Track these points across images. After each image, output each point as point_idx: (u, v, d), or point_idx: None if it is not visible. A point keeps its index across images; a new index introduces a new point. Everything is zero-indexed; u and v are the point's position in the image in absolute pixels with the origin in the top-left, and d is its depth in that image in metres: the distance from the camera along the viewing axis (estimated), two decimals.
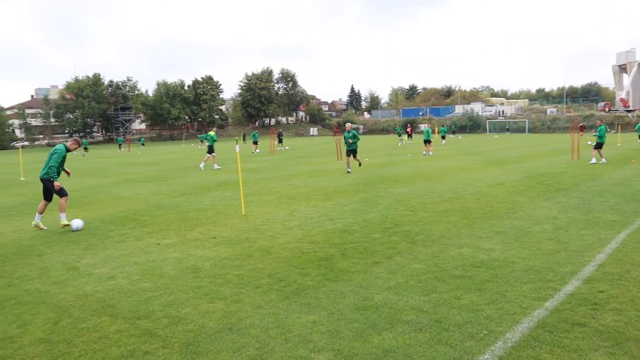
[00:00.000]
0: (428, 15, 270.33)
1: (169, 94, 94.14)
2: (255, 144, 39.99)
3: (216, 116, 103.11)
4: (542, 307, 4.86)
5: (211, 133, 24.69)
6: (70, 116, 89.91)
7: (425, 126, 31.09)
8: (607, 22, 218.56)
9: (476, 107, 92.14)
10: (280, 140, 46.05)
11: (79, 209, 12.28)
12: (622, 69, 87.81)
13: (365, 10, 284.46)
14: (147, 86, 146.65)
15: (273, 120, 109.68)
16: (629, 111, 74.09)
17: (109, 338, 4.53)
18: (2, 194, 16.35)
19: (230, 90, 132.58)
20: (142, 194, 15.02)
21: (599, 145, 19.66)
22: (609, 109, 78.29)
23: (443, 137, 45.79)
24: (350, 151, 19.17)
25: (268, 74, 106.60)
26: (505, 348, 4.06)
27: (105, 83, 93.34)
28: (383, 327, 4.55)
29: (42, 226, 9.89)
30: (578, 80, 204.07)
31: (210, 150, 23.91)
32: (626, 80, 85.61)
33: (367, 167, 21.31)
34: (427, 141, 28.52)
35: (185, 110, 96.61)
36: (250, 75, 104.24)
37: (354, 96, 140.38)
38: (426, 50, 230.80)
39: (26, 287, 6.15)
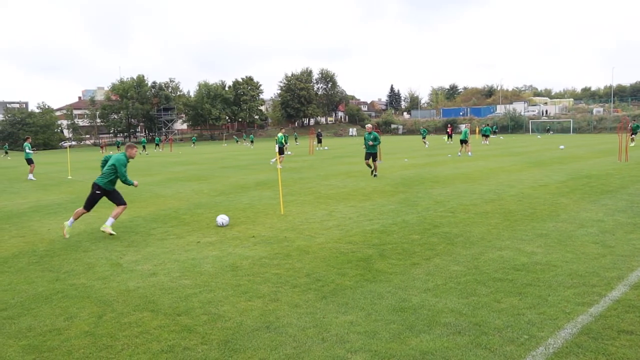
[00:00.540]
0: (469, 14, 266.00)
1: (210, 94, 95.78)
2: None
3: (256, 116, 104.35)
4: (586, 313, 4.71)
5: (280, 134, 25.18)
6: (115, 117, 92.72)
7: (465, 127, 30.63)
8: None
9: (518, 107, 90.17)
10: (319, 141, 46.17)
11: None
12: None
13: (406, 9, 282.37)
14: (189, 87, 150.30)
15: (312, 121, 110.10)
16: None
17: (150, 333, 4.65)
18: (51, 192, 16.96)
19: (269, 90, 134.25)
20: (183, 192, 15.33)
21: None
22: None
23: (487, 137, 45.36)
24: (370, 154, 17.68)
25: (307, 74, 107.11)
26: (546, 354, 3.96)
27: (149, 84, 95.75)
28: (421, 329, 4.50)
29: (111, 231, 9.16)
30: (627, 78, 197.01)
31: (281, 151, 24.35)
32: None
33: (407, 168, 21.14)
34: (464, 141, 28.20)
35: (226, 111, 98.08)
36: (289, 75, 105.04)
37: (394, 96, 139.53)
38: (467, 50, 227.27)
39: (72, 282, 6.37)
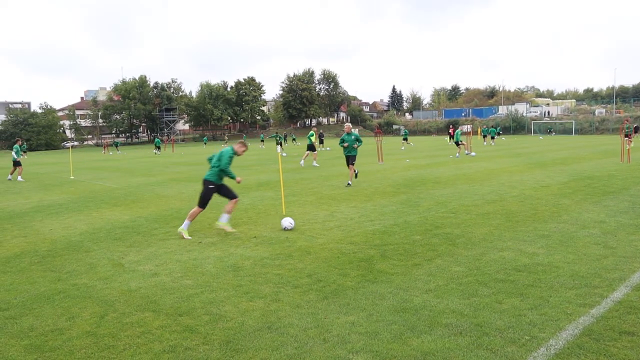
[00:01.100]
0: (471, 15, 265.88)
1: (212, 95, 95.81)
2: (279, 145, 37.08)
3: (258, 117, 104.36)
4: (588, 314, 4.71)
5: (311, 132, 25.83)
6: (117, 117, 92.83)
7: (459, 129, 31.31)
8: None
9: (520, 108, 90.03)
10: (321, 141, 46.16)
11: (124, 207, 12.65)
12: None
13: (408, 10, 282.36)
14: (191, 87, 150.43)
15: (314, 121, 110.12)
16: None
17: (152, 333, 4.65)
18: (54, 192, 17.00)
19: (271, 91, 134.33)
20: (186, 193, 15.34)
21: None
22: None
23: (492, 138, 46.55)
24: (351, 158, 15.50)
25: (309, 74, 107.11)
26: (548, 355, 3.96)
27: (151, 85, 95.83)
28: (422, 330, 4.50)
29: (229, 229, 9.23)
30: (629, 80, 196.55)
31: (311, 148, 25.11)
32: None
33: (408, 169, 21.13)
34: (457, 143, 28.67)
35: (228, 111, 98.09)
36: (291, 76, 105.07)
37: (396, 97, 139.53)
38: (469, 51, 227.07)
39: (74, 282, 6.38)
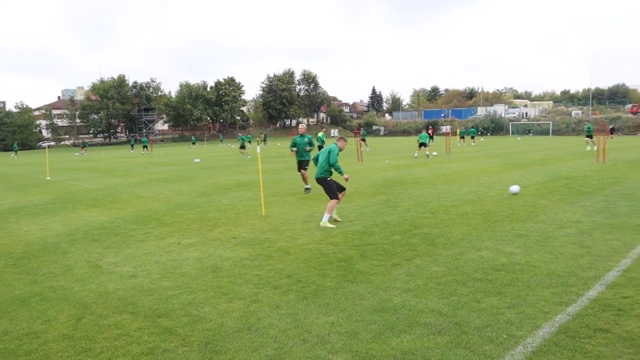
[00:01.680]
0: (451, 17, 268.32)
1: (191, 95, 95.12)
2: (243, 147, 37.09)
3: (237, 117, 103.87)
4: (564, 312, 4.79)
5: (320, 134, 25.99)
6: (95, 117, 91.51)
7: (424, 131, 33.10)
8: (635, 22, 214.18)
9: (499, 109, 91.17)
10: None
11: (102, 208, 12.48)
12: None
13: (388, 11, 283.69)
14: (170, 87, 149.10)
15: (294, 122, 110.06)
16: None
17: (130, 335, 4.60)
18: (30, 193, 16.70)
19: (251, 91, 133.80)
20: (164, 193, 15.20)
21: None
22: (637, 111, 76.77)
23: (472, 138, 48.13)
24: (304, 163, 14.73)
25: (289, 75, 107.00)
26: (525, 353, 4.01)
27: (130, 84, 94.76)
28: (401, 330, 4.53)
29: (337, 218, 9.81)
30: (605, 82, 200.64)
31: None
32: None
33: (388, 169, 21.24)
34: (423, 144, 29.08)
35: (207, 112, 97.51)
36: (271, 76, 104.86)
37: (375, 97, 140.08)
38: (449, 52, 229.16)
39: (51, 284, 6.28)
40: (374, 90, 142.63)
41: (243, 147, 37.07)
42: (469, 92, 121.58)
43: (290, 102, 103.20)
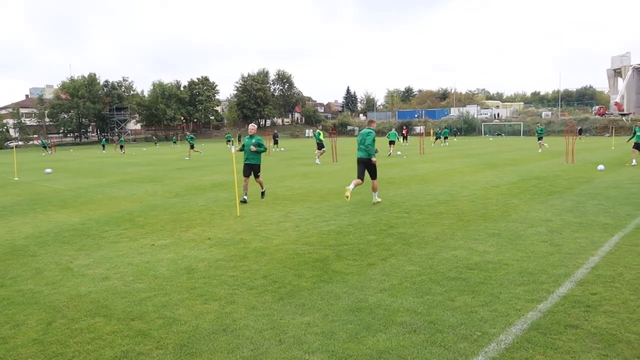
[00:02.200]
0: (424, 19, 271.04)
1: (164, 94, 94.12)
2: (192, 147, 35.68)
3: (211, 117, 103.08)
4: (536, 309, 4.88)
5: (318, 131, 27.24)
6: (65, 116, 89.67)
7: (393, 129, 36.65)
8: (602, 26, 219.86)
9: (471, 110, 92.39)
10: (275, 142, 46.06)
11: (73, 209, 12.25)
12: (617, 73, 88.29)
13: (363, 12, 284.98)
14: (143, 86, 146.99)
15: (269, 122, 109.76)
16: (623, 115, 74.47)
17: (103, 339, 4.52)
18: None
19: (226, 91, 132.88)
20: (137, 194, 15.00)
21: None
22: (603, 113, 78.71)
23: (445, 138, 48.78)
24: (251, 167, 12.37)
25: (264, 75, 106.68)
26: (498, 350, 4.08)
27: (101, 83, 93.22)
28: (377, 329, 4.55)
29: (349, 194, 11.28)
30: (573, 84, 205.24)
31: (320, 146, 26.71)
32: (621, 84, 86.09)
33: None
34: (392, 142, 31.40)
35: (181, 111, 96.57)
36: (246, 76, 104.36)
37: (350, 98, 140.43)
38: (422, 53, 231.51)
39: (19, 288, 6.13)
40: (348, 90, 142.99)
41: (192, 147, 35.55)
42: (442, 93, 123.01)
43: (265, 102, 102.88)
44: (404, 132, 52.25)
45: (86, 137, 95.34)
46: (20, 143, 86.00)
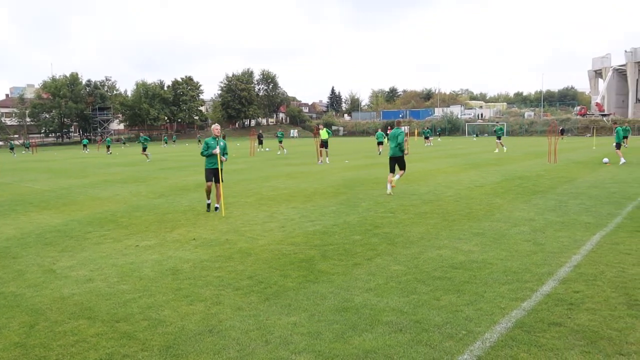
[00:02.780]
0: (409, 19, 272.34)
1: (148, 94, 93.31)
2: (144, 149, 34.07)
3: (196, 117, 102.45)
4: (520, 308, 4.93)
5: (322, 131, 26.70)
6: (47, 116, 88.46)
7: (379, 130, 38.24)
8: (584, 28, 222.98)
9: (455, 110, 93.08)
10: (260, 142, 45.95)
11: (56, 210, 12.09)
12: (598, 74, 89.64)
13: (347, 12, 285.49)
14: (126, 86, 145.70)
15: (253, 122, 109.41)
16: (604, 115, 75.59)
17: (87, 341, 4.47)
18: None
19: (210, 91, 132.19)
20: (121, 195, 14.86)
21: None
22: (584, 113, 79.79)
23: (427, 138, 48.21)
24: (215, 172, 11.20)
25: (249, 75, 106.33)
26: (483, 348, 4.11)
27: (83, 83, 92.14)
28: (363, 329, 4.57)
29: (391, 188, 13.10)
30: (555, 85, 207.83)
31: (325, 145, 26.31)
32: (601, 85, 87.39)
33: (348, 169, 21.37)
34: (380, 143, 32.76)
35: (165, 111, 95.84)
36: (230, 76, 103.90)
37: (335, 98, 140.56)
38: (406, 53, 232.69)
39: (0, 290, 6.03)
40: (333, 90, 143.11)
41: (145, 149, 33.80)
42: (426, 93, 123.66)
43: (249, 102, 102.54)
44: (388, 132, 52.44)
45: (68, 138, 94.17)
46: (0, 143, 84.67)
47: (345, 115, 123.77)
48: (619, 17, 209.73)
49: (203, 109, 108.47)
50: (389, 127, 53.93)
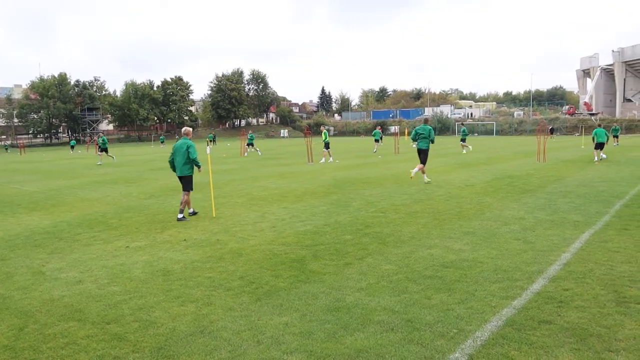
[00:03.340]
0: (398, 19, 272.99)
1: (137, 94, 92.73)
2: (104, 150, 31.57)
3: (185, 117, 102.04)
4: (510, 306, 4.96)
5: (325, 131, 27.23)
6: (35, 116, 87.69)
7: (377, 128, 38.67)
8: (572, 28, 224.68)
9: (445, 110, 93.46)
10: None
11: (44, 212, 12.00)
12: (586, 74, 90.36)
13: (337, 12, 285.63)
14: (115, 86, 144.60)
15: (243, 122, 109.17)
16: (592, 114, 76.23)
17: (77, 344, 4.44)
18: None
19: (200, 91, 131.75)
20: (111, 196, 14.77)
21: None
22: (573, 112, 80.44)
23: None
24: (185, 180, 10.53)
25: (239, 75, 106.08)
26: (475, 346, 4.13)
27: (72, 83, 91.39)
28: (355, 328, 4.57)
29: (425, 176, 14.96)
30: (544, 84, 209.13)
31: (327, 146, 26.72)
32: (590, 84, 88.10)
33: (338, 169, 21.39)
34: (377, 140, 34.57)
35: (154, 111, 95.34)
36: (220, 76, 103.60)
37: (325, 98, 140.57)
38: (397, 53, 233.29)
39: None
40: (323, 90, 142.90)
41: (105, 150, 31.46)
42: (416, 93, 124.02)
43: (240, 102, 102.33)
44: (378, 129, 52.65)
45: (57, 138, 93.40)
46: None
47: (336, 115, 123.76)
48: (612, 17, 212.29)
49: (193, 109, 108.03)
50: (379, 127, 54.34)
